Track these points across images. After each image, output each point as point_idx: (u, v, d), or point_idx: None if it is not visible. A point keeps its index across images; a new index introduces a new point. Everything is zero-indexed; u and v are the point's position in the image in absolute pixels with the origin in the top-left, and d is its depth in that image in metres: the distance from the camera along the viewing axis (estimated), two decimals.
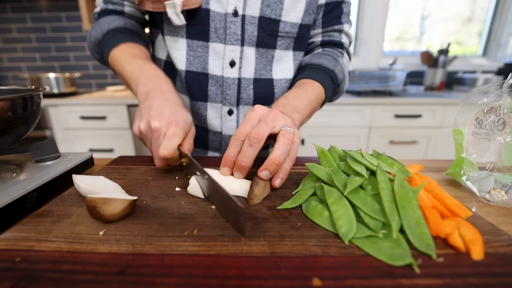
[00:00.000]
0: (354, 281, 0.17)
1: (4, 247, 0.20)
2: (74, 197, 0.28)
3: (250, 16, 0.39)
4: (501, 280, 0.16)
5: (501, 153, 0.30)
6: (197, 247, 0.20)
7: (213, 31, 0.40)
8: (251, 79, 0.43)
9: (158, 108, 0.30)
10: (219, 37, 0.40)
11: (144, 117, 0.30)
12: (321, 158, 0.30)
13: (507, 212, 0.27)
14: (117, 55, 0.40)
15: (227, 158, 0.28)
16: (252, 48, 0.42)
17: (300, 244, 0.20)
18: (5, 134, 0.29)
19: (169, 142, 0.28)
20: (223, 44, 0.40)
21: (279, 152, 0.27)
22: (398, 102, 1.23)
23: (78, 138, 1.31)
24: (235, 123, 0.45)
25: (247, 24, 0.40)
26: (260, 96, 0.45)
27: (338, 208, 0.22)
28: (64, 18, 1.55)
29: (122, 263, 0.18)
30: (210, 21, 0.39)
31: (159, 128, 0.29)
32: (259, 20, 0.40)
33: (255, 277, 0.17)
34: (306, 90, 0.41)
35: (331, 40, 0.48)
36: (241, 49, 0.41)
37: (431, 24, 1.61)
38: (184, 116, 0.31)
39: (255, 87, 0.44)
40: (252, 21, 0.40)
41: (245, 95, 0.44)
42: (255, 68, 0.43)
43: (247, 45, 0.41)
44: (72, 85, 1.41)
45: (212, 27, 0.39)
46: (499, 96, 0.29)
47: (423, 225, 0.20)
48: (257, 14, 0.39)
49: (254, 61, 0.43)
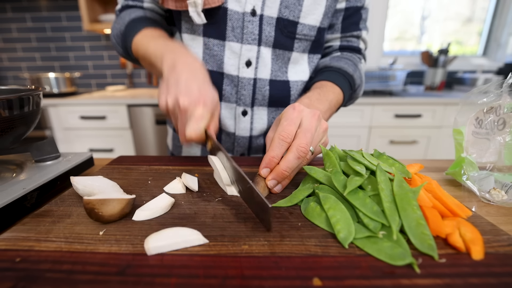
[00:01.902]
0: (354, 281, 0.17)
1: (4, 247, 0.20)
2: (74, 197, 0.28)
3: (268, 16, 0.39)
4: (501, 280, 0.16)
5: (501, 153, 0.30)
6: (197, 247, 0.20)
7: (230, 30, 0.39)
8: (267, 80, 0.43)
9: (186, 82, 0.29)
10: (236, 36, 0.40)
11: (172, 91, 0.29)
12: (325, 159, 0.30)
13: (507, 211, 0.27)
14: (141, 40, 0.39)
15: (271, 159, 0.27)
16: (269, 48, 0.41)
17: (300, 244, 0.20)
18: (5, 134, 0.29)
19: (197, 125, 0.28)
20: (240, 43, 0.40)
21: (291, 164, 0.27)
22: (398, 102, 1.23)
23: (78, 138, 1.31)
24: (249, 124, 0.45)
25: (264, 24, 0.39)
26: (275, 98, 0.44)
27: (335, 213, 0.22)
28: (64, 18, 1.55)
29: (122, 263, 0.18)
30: (228, 20, 0.39)
31: (187, 106, 0.28)
32: (277, 21, 0.40)
33: (255, 277, 0.17)
34: (328, 93, 0.40)
35: (349, 45, 0.48)
36: (258, 49, 0.41)
37: (431, 24, 1.61)
38: (211, 95, 0.30)
39: (271, 88, 0.43)
40: (270, 22, 0.39)
41: (260, 96, 0.43)
42: (271, 69, 0.43)
43: (264, 46, 0.41)
44: (72, 85, 1.41)
45: (229, 26, 0.39)
46: (499, 96, 0.29)
47: (424, 226, 0.20)
48: (275, 14, 0.39)
49: (270, 62, 0.42)
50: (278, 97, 0.45)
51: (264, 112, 0.45)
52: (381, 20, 1.52)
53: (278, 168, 0.27)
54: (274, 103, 0.45)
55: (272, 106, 0.45)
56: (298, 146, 0.27)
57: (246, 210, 0.25)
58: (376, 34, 1.53)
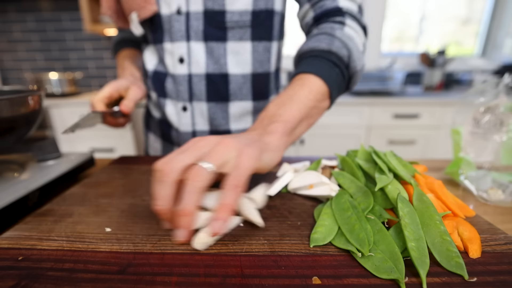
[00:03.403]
0: (353, 279, 0.17)
1: (6, 245, 0.20)
2: (76, 197, 0.28)
3: (194, 12, 0.40)
4: (498, 278, 0.17)
5: (498, 153, 0.30)
6: None
7: (166, 33, 0.42)
8: (202, 75, 0.43)
9: None
10: (169, 36, 0.42)
11: None
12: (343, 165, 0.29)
13: (504, 211, 0.27)
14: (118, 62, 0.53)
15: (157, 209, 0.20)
16: (200, 42, 0.42)
17: (300, 243, 0.20)
18: (7, 134, 0.29)
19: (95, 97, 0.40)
20: (170, 42, 0.42)
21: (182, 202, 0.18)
22: (397, 102, 1.23)
23: (79, 138, 1.31)
24: (190, 119, 0.45)
25: (191, 20, 0.40)
26: (213, 92, 0.44)
27: (326, 217, 0.22)
28: (66, 19, 1.55)
29: (123, 262, 0.18)
30: (163, 24, 0.41)
31: None
32: (204, 14, 0.40)
33: (255, 276, 0.17)
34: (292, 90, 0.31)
35: (323, 11, 0.37)
36: (187, 45, 0.42)
37: (429, 25, 1.62)
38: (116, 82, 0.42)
39: (208, 82, 0.43)
40: (197, 17, 0.40)
41: (197, 90, 0.44)
42: (206, 63, 0.42)
43: (194, 40, 0.41)
44: (73, 86, 1.41)
45: (165, 29, 0.42)
46: (495, 96, 0.29)
47: (450, 242, 0.18)
48: (201, 9, 0.40)
49: (205, 56, 0.42)
50: (216, 92, 0.44)
51: (204, 107, 0.45)
52: (379, 21, 1.52)
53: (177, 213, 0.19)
54: (212, 98, 0.44)
55: (211, 101, 0.45)
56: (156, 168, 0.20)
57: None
58: (374, 35, 1.54)
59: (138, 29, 0.43)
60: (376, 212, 0.22)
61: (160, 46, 0.43)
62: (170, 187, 0.19)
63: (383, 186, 0.23)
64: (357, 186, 0.25)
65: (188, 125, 0.46)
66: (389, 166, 0.26)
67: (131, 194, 0.28)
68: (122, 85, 0.42)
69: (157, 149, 0.52)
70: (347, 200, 0.23)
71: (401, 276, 0.16)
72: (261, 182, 0.31)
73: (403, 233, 0.18)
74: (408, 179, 0.24)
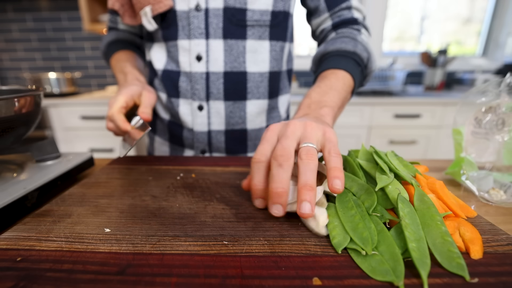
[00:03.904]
0: (354, 280, 0.17)
1: (5, 246, 0.20)
2: (75, 197, 0.28)
3: (214, 8, 0.39)
4: (500, 279, 0.17)
5: (500, 153, 0.30)
6: (197, 247, 0.20)
7: (180, 29, 0.41)
8: (220, 73, 0.43)
9: None
10: (185, 33, 0.41)
11: None
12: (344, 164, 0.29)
13: (506, 211, 0.27)
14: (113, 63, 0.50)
15: (256, 189, 0.25)
16: (220, 40, 0.41)
17: (300, 244, 0.20)
18: (5, 134, 0.29)
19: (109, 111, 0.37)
20: (188, 39, 0.41)
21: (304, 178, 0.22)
22: (398, 102, 1.23)
23: (78, 138, 1.31)
24: (206, 119, 0.45)
25: (211, 17, 0.40)
26: (231, 91, 0.44)
27: (333, 219, 0.22)
28: (65, 18, 1.55)
29: (123, 262, 0.18)
30: (178, 20, 0.40)
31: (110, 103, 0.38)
32: (224, 11, 0.40)
33: (255, 277, 0.17)
34: (329, 81, 0.37)
35: (342, 20, 0.43)
36: (206, 43, 0.41)
37: (430, 24, 1.61)
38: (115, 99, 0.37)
39: (226, 81, 0.43)
40: (217, 13, 0.40)
41: (214, 89, 0.43)
42: (224, 61, 0.42)
43: (213, 38, 0.41)
44: (72, 85, 1.41)
45: (180, 26, 0.41)
46: (497, 95, 0.29)
47: (451, 243, 0.18)
48: (221, 5, 0.39)
49: (223, 54, 0.42)
50: (234, 90, 0.44)
51: (221, 106, 0.44)
52: (380, 21, 1.52)
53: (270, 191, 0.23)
54: (230, 97, 0.44)
55: (229, 99, 0.44)
56: (274, 155, 0.23)
57: (246, 210, 0.25)
58: (375, 34, 1.54)
59: (152, 25, 0.41)
60: (378, 212, 0.22)
61: (172, 43, 0.42)
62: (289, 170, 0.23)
63: (384, 186, 0.23)
64: (359, 184, 0.25)
65: (203, 125, 0.45)
66: (390, 166, 0.25)
67: (131, 195, 0.28)
68: (136, 92, 0.39)
69: (165, 152, 0.51)
70: (351, 199, 0.23)
71: (396, 279, 0.16)
72: None
73: (404, 234, 0.18)
74: (409, 179, 0.24)
